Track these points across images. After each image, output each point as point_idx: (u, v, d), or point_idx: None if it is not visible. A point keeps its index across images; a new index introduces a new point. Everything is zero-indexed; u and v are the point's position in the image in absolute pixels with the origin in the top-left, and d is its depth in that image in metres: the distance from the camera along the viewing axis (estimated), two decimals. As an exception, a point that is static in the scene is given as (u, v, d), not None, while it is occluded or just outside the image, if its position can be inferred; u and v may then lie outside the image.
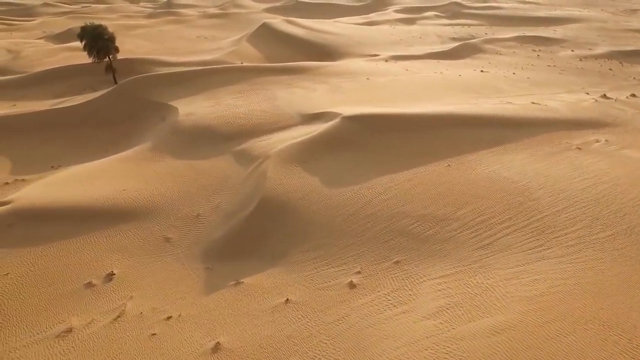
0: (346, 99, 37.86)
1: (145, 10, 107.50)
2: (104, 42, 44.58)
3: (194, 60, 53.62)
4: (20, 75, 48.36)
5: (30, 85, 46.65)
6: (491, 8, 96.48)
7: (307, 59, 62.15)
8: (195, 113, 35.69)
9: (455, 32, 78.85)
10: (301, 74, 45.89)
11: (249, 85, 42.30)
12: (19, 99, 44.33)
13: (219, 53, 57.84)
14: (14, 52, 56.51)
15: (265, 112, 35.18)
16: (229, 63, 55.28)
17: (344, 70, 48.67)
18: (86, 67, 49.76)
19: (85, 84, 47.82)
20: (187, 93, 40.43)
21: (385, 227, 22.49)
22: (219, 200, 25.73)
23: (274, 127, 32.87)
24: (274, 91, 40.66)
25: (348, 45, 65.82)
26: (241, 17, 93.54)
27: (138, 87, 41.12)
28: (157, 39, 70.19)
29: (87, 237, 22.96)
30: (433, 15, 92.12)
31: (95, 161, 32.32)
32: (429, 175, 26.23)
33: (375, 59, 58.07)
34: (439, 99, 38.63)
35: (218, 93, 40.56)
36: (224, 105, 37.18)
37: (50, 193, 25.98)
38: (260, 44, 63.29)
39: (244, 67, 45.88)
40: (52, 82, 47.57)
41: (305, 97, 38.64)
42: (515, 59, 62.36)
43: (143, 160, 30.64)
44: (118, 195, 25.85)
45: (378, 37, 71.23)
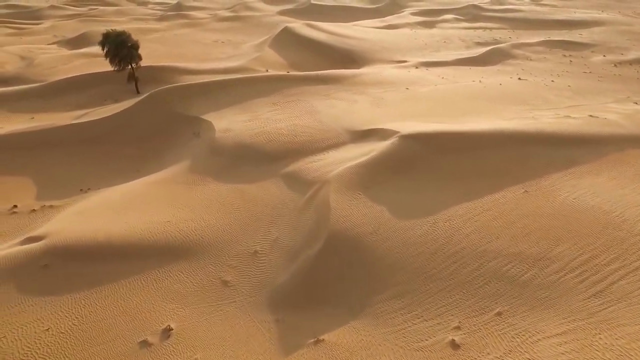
0: (393, 113, 34.90)
1: (156, 12, 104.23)
2: (128, 49, 41.58)
3: (218, 67, 50.58)
4: (36, 84, 45.24)
5: (48, 96, 43.57)
6: (510, 11, 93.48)
7: (333, 65, 59.20)
8: (232, 129, 32.67)
9: (478, 36, 75.91)
10: (337, 84, 42.91)
11: (283, 97, 39.31)
12: (37, 111, 41.24)
13: (242, 59, 54.80)
14: (28, 59, 53.35)
15: (309, 127, 32.18)
16: (254, 70, 52.30)
17: (380, 79, 45.70)
18: (106, 75, 46.69)
19: (106, 94, 44.76)
20: (220, 105, 37.41)
21: (476, 269, 19.56)
22: (277, 234, 22.74)
23: (323, 146, 29.89)
24: (312, 103, 37.68)
25: (373, 50, 62.82)
26: (255, 20, 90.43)
27: (166, 99, 38.09)
28: (172, 43, 67.06)
29: (134, 281, 19.95)
30: (452, 18, 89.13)
31: (128, 183, 29.31)
32: (508, 203, 23.32)
33: (405, 66, 55.11)
34: (492, 112, 35.70)
35: (252, 105, 37.56)
36: (262, 120, 34.17)
37: (86, 225, 22.96)
38: (282, 49, 60.26)
39: (276, 76, 42.87)
40: (71, 92, 44.48)
41: (348, 110, 35.66)
42: (547, 65, 59.45)
43: (183, 184, 27.62)
44: (163, 229, 22.84)
45: (402, 42, 68.24)
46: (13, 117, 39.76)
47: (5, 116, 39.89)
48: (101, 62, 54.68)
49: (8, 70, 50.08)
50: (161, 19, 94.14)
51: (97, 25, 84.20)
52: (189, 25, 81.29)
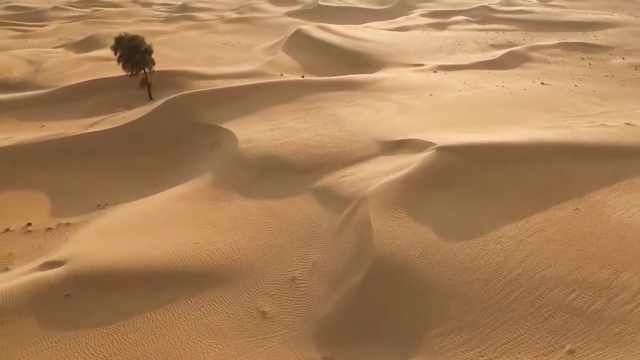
0: (422, 122, 33.19)
1: (161, 14, 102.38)
2: (141, 54, 39.84)
3: (231, 71, 48.85)
4: (45, 90, 43.47)
5: (57, 103, 41.79)
6: (522, 12, 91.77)
7: (347, 68, 57.46)
8: (255, 139, 30.95)
9: (492, 39, 74.22)
10: (358, 90, 41.19)
11: (304, 103, 37.59)
12: (47, 118, 39.49)
13: (255, 63, 53.06)
14: (36, 64, 51.57)
15: (336, 138, 30.46)
16: (268, 74, 50.58)
17: (401, 84, 43.98)
18: (117, 80, 44.94)
19: (118, 99, 43.00)
20: (239, 113, 35.68)
21: (537, 299, 17.87)
22: (314, 257, 21.04)
23: (353, 158, 28.16)
24: (335, 111, 35.97)
25: (388, 53, 61.09)
26: (262, 21, 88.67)
27: (183, 107, 36.37)
28: (181, 46, 65.27)
29: (165, 313, 18.23)
30: (463, 19, 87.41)
31: (147, 198, 27.60)
32: (560, 223, 21.64)
33: (423, 70, 53.39)
34: (525, 121, 34.01)
35: (273, 113, 35.84)
36: (285, 129, 32.46)
37: (109, 248, 21.25)
38: (296, 52, 58.52)
39: (295, 81, 41.16)
40: (81, 98, 42.71)
41: (374, 118, 33.95)
42: (567, 69, 57.80)
43: (207, 200, 25.90)
44: (192, 252, 21.12)
45: (416, 45, 66.53)
46: (22, 125, 38.01)
47: (15, 124, 38.14)
48: (110, 66, 52.97)
49: (15, 75, 48.30)
50: (167, 21, 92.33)
51: (103, 27, 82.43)
52: (197, 27, 79.49)
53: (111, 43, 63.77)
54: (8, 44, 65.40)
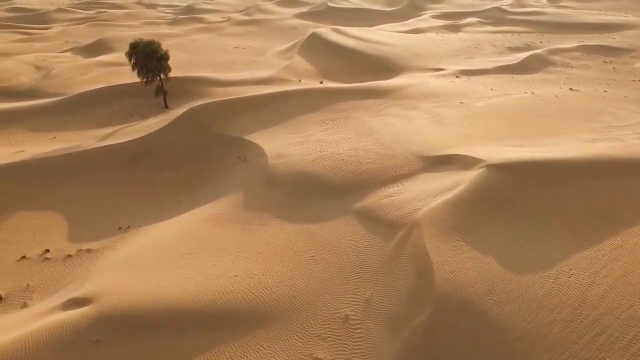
0: (459, 134, 31.01)
1: (166, 15, 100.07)
2: (157, 61, 37.64)
3: (249, 77, 46.59)
4: (56, 99, 41.16)
5: (69, 112, 39.52)
6: (535, 14, 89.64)
7: (366, 73, 55.28)
8: (286, 154, 28.75)
9: (508, 41, 72.13)
10: (384, 98, 39.01)
11: (331, 113, 35.43)
12: (58, 128, 37.23)
13: (272, 68, 50.81)
14: (44, 69, 49.25)
15: (373, 152, 28.29)
16: (286, 80, 48.36)
17: (427, 91, 41.82)
18: (129, 87, 42.68)
19: (132, 108, 40.76)
20: (264, 124, 33.50)
21: (628, 345, 15.71)
22: (367, 292, 18.86)
23: (394, 175, 25.98)
24: (365, 121, 33.81)
25: (405, 57, 58.91)
26: (272, 23, 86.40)
27: (204, 117, 34.14)
28: (192, 50, 63.01)
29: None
30: (476, 21, 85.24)
31: (173, 220, 25.38)
32: (635, 251, 19.50)
33: (445, 75, 51.22)
34: (568, 133, 31.88)
35: (300, 124, 33.66)
36: (315, 142, 30.27)
37: (138, 282, 19.05)
38: (312, 56, 56.28)
39: (318, 89, 38.96)
40: (94, 107, 40.45)
41: (407, 129, 31.77)
42: (591, 73, 55.74)
43: (240, 223, 23.69)
44: (231, 286, 18.92)
45: (432, 48, 64.37)
46: (34, 137, 35.77)
47: (26, 135, 35.88)
48: (121, 71, 50.72)
49: (24, 82, 45.98)
50: (174, 23, 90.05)
51: (109, 30, 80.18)
52: (206, 30, 77.20)
53: (120, 47, 61.98)
54: (13, 47, 63.04)
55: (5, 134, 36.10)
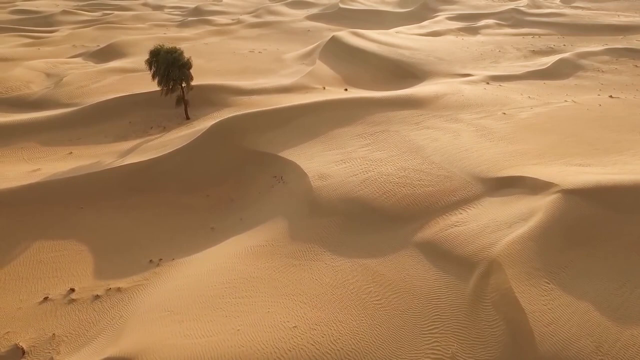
0: (513, 150, 28.29)
1: (175, 17, 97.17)
2: (180, 69, 34.93)
3: (272, 85, 43.85)
4: (70, 110, 38.35)
5: (84, 124, 36.76)
6: (553, 15, 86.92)
7: (391, 79, 52.65)
8: (329, 175, 26.04)
9: (531, 44, 69.37)
10: (421, 108, 36.30)
11: (368, 126, 32.74)
12: (74, 143, 34.48)
13: (294, 75, 48.05)
14: (54, 77, 46.42)
15: (423, 172, 25.59)
16: (310, 88, 45.64)
17: (463, 100, 39.10)
18: (147, 97, 39.92)
19: (150, 119, 38.00)
20: (298, 138, 30.78)
21: None
22: (451, 348, 16.19)
23: (453, 201, 23.26)
24: (407, 135, 31.12)
25: (430, 62, 56.20)
26: (284, 26, 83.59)
27: (232, 132, 31.40)
28: (206, 54, 60.16)
29: None
30: (494, 23, 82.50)
31: (209, 252, 22.65)
32: None
33: (475, 81, 48.52)
34: (632, 148, 29.18)
35: (336, 138, 30.94)
36: (358, 160, 27.57)
37: (184, 336, 16.34)
38: (333, 61, 53.56)
39: (350, 100, 36.22)
40: (110, 119, 37.72)
41: (456, 146, 29.06)
42: (625, 78, 53.11)
43: (286, 257, 20.96)
44: (292, 341, 16.19)
45: (455, 52, 61.64)
46: (49, 152, 33.02)
47: (40, 151, 33.12)
48: (136, 78, 48.01)
49: (34, 91, 43.17)
50: (183, 25, 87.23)
51: (118, 33, 77.30)
52: (218, 33, 74.41)
53: (132, 51, 59.29)
54: (20, 52, 60.18)
55: (18, 149, 33.35)
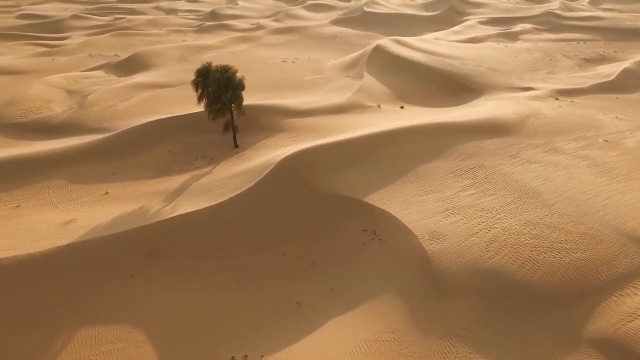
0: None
1: (191, 22, 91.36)
2: (234, 91, 29.36)
3: (324, 105, 38.27)
4: (99, 137, 32.66)
5: (118, 154, 31.18)
6: (592, 19, 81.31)
7: (445, 93, 47.18)
8: (442, 234, 20.57)
9: (580, 51, 63.87)
10: (507, 135, 30.75)
11: (458, 160, 27.25)
12: (109, 178, 28.95)
13: (344, 91, 42.45)
14: (77, 94, 40.67)
15: (560, 230, 20.15)
16: (366, 106, 40.11)
17: (550, 123, 33.63)
18: (187, 120, 34.33)
19: (193, 147, 32.45)
20: (385, 177, 25.26)
21: None
22: None
23: (618, 274, 17.86)
24: (509, 173, 25.68)
25: (483, 73, 50.71)
26: (310, 31, 77.91)
27: (304, 170, 25.84)
28: (236, 65, 54.24)
29: None
30: (531, 28, 76.89)
31: (304, 343, 17.24)
32: None
33: (541, 96, 43.08)
34: None
35: (429, 177, 25.46)
36: (468, 210, 22.13)
37: None
38: (379, 73, 48.03)
39: (425, 126, 30.58)
40: (146, 147, 32.13)
41: (579, 188, 23.60)
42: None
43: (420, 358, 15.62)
44: None
45: (506, 61, 56.12)
46: (80, 193, 27.48)
47: (70, 191, 27.59)
48: (167, 95, 42.45)
49: (56, 112, 37.46)
50: (201, 31, 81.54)
51: (135, 40, 71.70)
52: (242, 40, 68.73)
53: (156, 62, 53.58)
54: (34, 64, 54.51)
55: (45, 187, 27.82)
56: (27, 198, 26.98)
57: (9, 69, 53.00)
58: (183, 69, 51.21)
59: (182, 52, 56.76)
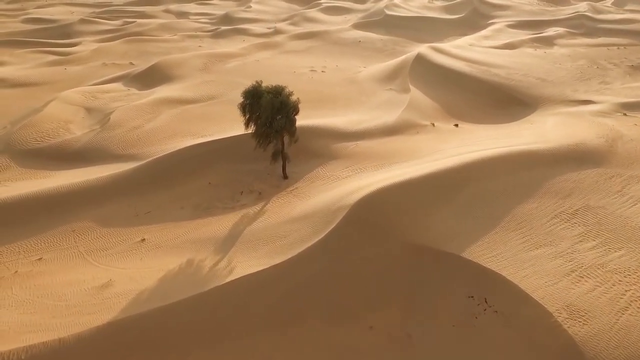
0: None
1: (204, 26, 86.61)
2: (288, 117, 24.86)
3: (374, 125, 33.71)
4: (128, 168, 28.06)
5: (151, 187, 26.67)
6: (627, 22, 76.69)
7: (496, 106, 42.74)
8: (583, 309, 16.17)
9: (624, 57, 59.42)
10: (602, 164, 26.30)
11: (558, 198, 22.81)
12: (144, 220, 24.42)
13: (390, 107, 38.04)
14: (97, 112, 35.95)
15: None
16: (419, 125, 35.65)
17: (633, 148, 29.28)
18: (226, 144, 29.84)
19: (236, 178, 28.00)
20: (481, 223, 20.77)
21: None
22: None
23: None
24: (626, 215, 21.40)
25: (532, 84, 46.29)
26: (332, 36, 73.32)
27: (385, 215, 21.33)
28: (263, 75, 49.29)
29: None
30: (565, 32, 72.29)
31: None
32: None
33: (606, 112, 38.71)
34: None
35: (532, 222, 20.99)
36: (598, 271, 17.73)
37: None
38: (425, 86, 43.53)
39: (504, 157, 25.99)
40: (183, 178, 27.68)
41: None
42: None
43: None
44: None
45: (552, 70, 51.61)
46: (113, 239, 22.99)
47: (101, 236, 23.08)
48: (197, 112, 37.97)
49: (77, 135, 32.87)
50: (217, 36, 76.92)
51: (149, 46, 67.24)
52: (264, 47, 64.09)
53: (179, 73, 48.90)
54: (46, 75, 49.98)
55: (69, 233, 23.35)
56: (50, 247, 22.52)
57: (19, 80, 48.52)
58: (208, 80, 46.78)
59: (204, 61, 52.18)
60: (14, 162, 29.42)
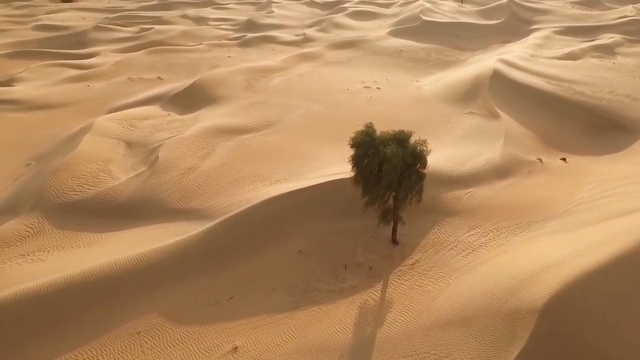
0: None
1: (228, 34, 79.96)
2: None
3: (485, 167, 27.29)
4: (194, 227, 21.48)
5: (227, 259, 20.29)
6: (683, 27, 70.63)
7: (594, 132, 36.41)
8: None
9: (701, 68, 53.15)
10: None
11: None
12: (227, 314, 17.80)
13: (478, 137, 31.69)
14: (139, 147, 29.17)
15: None
16: (527, 162, 29.28)
17: None
18: (315, 194, 23.55)
19: (332, 243, 21.64)
20: None
21: None
22: None
23: None
24: None
25: (626, 104, 39.90)
26: (371, 45, 66.89)
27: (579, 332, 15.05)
28: (314, 94, 43.45)
29: None
30: (622, 39, 65.90)
31: None
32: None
33: None
34: None
35: None
36: None
37: None
38: (508, 108, 37.16)
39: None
40: (265, 244, 21.27)
41: None
42: None
43: None
44: None
45: (637, 86, 45.27)
46: (194, 347, 16.63)
47: (175, 340, 16.52)
48: (257, 144, 31.53)
49: (121, 180, 26.08)
50: (244, 44, 70.44)
51: (175, 57, 60.73)
52: (305, 59, 57.47)
53: (222, 93, 41.83)
54: (69, 93, 43.40)
55: (134, 336, 16.87)
56: None
57: (38, 101, 41.99)
58: (255, 102, 40.30)
59: (245, 77, 45.70)
60: (49, 221, 22.90)
